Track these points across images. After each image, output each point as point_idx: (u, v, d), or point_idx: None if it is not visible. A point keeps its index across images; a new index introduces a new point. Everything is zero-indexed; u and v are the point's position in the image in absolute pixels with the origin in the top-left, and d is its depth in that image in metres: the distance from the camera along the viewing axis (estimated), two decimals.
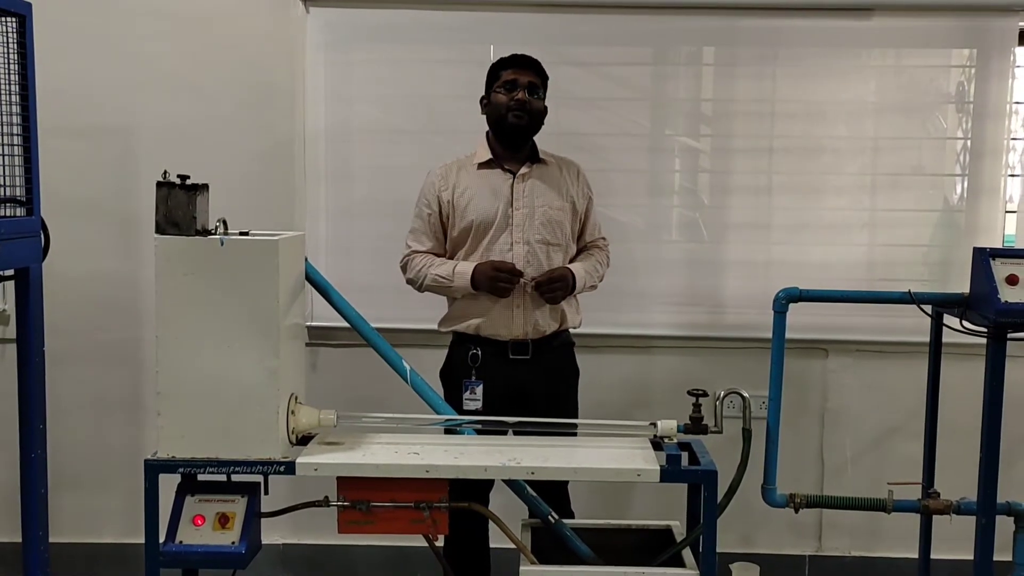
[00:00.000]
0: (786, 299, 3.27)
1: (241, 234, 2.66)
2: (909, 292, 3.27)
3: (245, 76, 4.04)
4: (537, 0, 4.01)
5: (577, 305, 3.51)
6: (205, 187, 2.64)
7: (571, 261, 3.47)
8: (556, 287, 3.32)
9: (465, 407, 3.35)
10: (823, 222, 4.12)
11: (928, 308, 3.33)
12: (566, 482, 3.42)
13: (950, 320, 3.29)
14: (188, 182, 2.58)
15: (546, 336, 3.40)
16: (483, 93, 3.45)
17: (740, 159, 4.14)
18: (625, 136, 4.14)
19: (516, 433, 2.90)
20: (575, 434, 3.05)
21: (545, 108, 3.42)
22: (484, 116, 3.44)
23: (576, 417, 3.44)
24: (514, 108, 3.32)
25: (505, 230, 3.35)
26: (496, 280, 3.28)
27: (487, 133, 3.47)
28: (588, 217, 3.52)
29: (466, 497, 2.85)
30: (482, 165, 3.41)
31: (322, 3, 4.04)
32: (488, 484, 3.29)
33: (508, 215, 3.35)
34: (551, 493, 3.15)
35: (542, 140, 3.48)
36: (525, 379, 3.38)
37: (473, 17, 4.04)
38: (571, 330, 3.51)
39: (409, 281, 3.48)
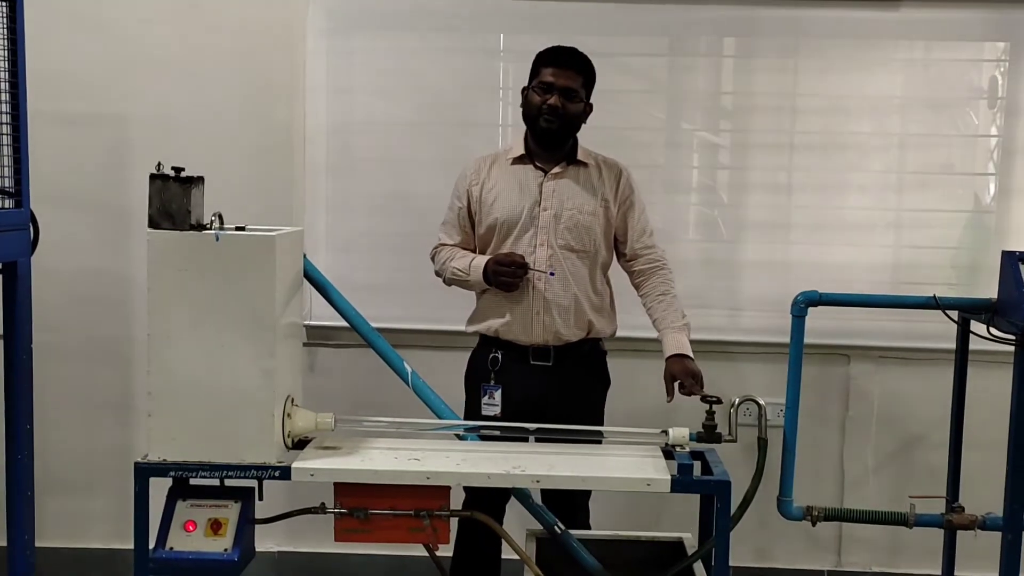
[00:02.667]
0: (805, 303, 3.28)
1: (237, 229, 2.67)
2: (934, 297, 3.27)
3: (244, 64, 4.06)
4: None
5: (612, 315, 3.45)
6: (200, 180, 2.65)
7: (650, 297, 3.38)
8: (700, 380, 3.20)
9: (483, 411, 3.34)
10: (846, 222, 4.12)
11: (954, 314, 3.34)
12: (586, 493, 3.40)
13: (977, 327, 3.29)
14: (183, 174, 2.60)
15: (571, 344, 3.36)
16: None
17: (760, 155, 4.15)
18: (641, 130, 4.15)
19: (536, 440, 2.91)
20: (599, 442, 3.00)
21: (586, 108, 3.34)
22: (521, 109, 3.39)
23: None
24: (546, 112, 3.27)
25: (529, 230, 3.31)
26: (497, 274, 3.25)
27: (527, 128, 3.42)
28: (631, 223, 3.41)
29: (481, 508, 2.85)
30: (515, 160, 3.37)
31: None
32: (503, 495, 3.26)
33: (534, 215, 3.31)
34: (568, 503, 3.16)
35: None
36: (546, 386, 3.34)
37: (482, 5, 4.05)
38: (603, 340, 3.46)
39: (436, 274, 3.46)
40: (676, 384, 3.20)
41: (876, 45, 4.08)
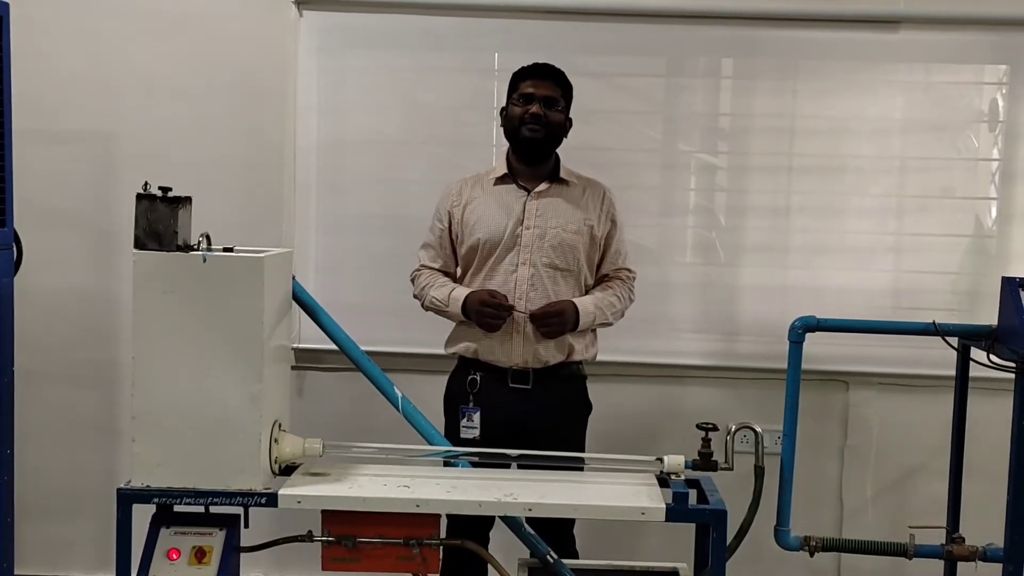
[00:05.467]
0: (802, 328, 3.29)
1: (225, 250, 2.68)
2: (933, 323, 3.29)
3: (234, 82, 4.07)
4: (545, 7, 4.04)
5: (592, 337, 3.48)
6: (188, 200, 2.66)
7: (587, 292, 3.45)
8: (552, 322, 3.30)
9: (462, 435, 3.34)
10: (845, 246, 4.13)
11: (953, 340, 3.35)
12: (571, 521, 3.41)
13: (977, 353, 3.31)
14: (170, 194, 2.61)
15: (550, 366, 3.38)
16: (500, 104, 3.45)
17: (758, 177, 4.16)
18: (637, 151, 4.17)
19: (519, 467, 2.91)
20: (581, 469, 3.03)
21: (567, 121, 3.40)
22: (502, 128, 3.45)
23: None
24: (528, 122, 3.32)
25: (512, 250, 3.34)
26: (482, 314, 3.28)
27: (508, 148, 3.46)
28: (610, 243, 3.47)
29: (465, 534, 2.85)
30: (498, 180, 3.41)
31: (316, 7, 4.07)
32: (488, 521, 3.28)
33: (516, 234, 3.34)
34: (554, 532, 3.15)
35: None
36: (525, 410, 3.35)
37: (476, 24, 4.07)
38: (584, 364, 3.48)
39: (415, 297, 3.49)
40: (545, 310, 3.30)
41: (876, 67, 4.11)
